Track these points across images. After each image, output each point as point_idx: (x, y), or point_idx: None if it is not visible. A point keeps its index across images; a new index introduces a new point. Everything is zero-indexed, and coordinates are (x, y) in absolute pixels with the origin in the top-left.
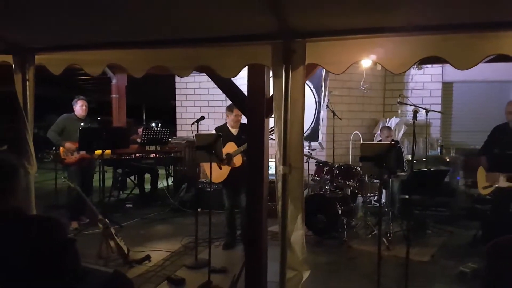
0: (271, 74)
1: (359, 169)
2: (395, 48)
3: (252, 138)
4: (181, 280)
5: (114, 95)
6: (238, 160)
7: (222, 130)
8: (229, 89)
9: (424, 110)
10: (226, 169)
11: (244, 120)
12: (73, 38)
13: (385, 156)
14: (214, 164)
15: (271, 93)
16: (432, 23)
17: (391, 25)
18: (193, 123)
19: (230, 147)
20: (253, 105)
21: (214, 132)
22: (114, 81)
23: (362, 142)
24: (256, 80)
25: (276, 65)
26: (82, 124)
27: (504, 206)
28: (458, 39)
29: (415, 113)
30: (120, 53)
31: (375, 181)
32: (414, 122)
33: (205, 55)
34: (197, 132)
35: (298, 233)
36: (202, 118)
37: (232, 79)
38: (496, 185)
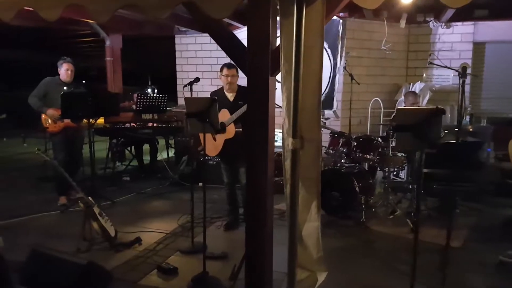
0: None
1: (380, 140)
2: None
3: (253, 102)
4: (173, 269)
5: (108, 58)
6: (231, 131)
7: (217, 95)
8: (223, 38)
9: (457, 73)
10: (220, 140)
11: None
12: None
13: (427, 124)
14: (208, 135)
15: (278, 42)
16: None
17: None
18: (185, 86)
19: (223, 115)
20: (254, 59)
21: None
22: (108, 43)
23: (398, 107)
24: (258, 25)
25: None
26: (65, 88)
27: None
28: None
29: (464, 69)
30: None
31: (399, 154)
32: (463, 82)
33: None
34: (191, 96)
35: (312, 225)
36: (197, 79)
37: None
38: None
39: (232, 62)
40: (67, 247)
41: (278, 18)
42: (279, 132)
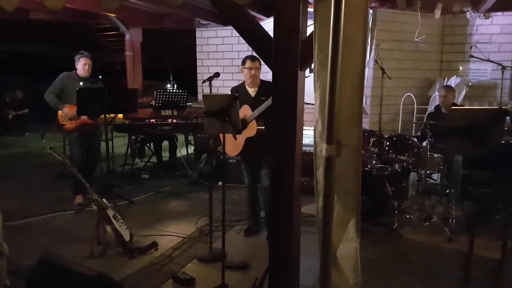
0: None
1: (415, 140)
2: None
3: (279, 99)
4: (189, 280)
5: (127, 53)
6: (252, 128)
7: (238, 90)
8: (247, 29)
9: (496, 67)
10: (241, 139)
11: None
12: None
13: (487, 126)
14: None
15: (310, 31)
16: None
17: None
18: (204, 81)
19: (245, 112)
20: (281, 50)
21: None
22: (127, 37)
23: (453, 107)
24: (286, 11)
25: None
26: (81, 84)
27: None
28: None
29: None
30: None
31: (435, 155)
32: None
33: None
34: (210, 92)
35: (349, 246)
36: (217, 75)
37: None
38: None
39: (255, 54)
40: (80, 250)
41: (308, 8)
42: (307, 129)
